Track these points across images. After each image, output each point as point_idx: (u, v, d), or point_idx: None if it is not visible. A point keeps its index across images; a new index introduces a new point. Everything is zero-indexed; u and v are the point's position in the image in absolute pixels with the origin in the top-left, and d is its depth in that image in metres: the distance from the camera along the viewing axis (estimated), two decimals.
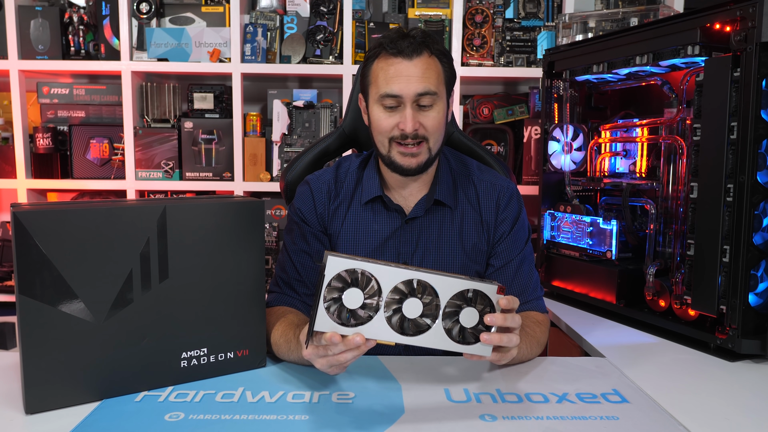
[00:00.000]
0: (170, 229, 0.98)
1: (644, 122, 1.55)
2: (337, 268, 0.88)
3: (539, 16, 2.28)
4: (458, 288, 0.91)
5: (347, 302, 0.89)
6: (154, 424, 0.89)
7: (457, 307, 0.92)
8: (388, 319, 0.91)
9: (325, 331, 0.89)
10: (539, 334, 1.17)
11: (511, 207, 1.27)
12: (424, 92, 1.12)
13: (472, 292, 0.92)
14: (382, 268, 0.89)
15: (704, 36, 1.25)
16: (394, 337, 0.91)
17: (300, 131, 2.30)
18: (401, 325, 0.91)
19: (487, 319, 0.92)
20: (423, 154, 1.16)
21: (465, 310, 0.92)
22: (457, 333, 0.93)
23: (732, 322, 1.20)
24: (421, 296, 0.91)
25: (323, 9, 2.28)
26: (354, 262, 0.88)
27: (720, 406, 1.00)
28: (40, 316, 0.89)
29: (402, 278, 0.90)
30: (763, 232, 1.20)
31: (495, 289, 0.92)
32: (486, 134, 2.33)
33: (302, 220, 1.27)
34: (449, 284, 0.91)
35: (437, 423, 0.91)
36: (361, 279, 0.89)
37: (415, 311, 0.91)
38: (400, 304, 0.90)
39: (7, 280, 2.31)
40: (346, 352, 0.90)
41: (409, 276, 0.90)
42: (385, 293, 0.90)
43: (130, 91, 2.25)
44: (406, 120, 1.13)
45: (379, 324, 0.90)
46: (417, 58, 1.12)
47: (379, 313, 0.90)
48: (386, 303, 0.90)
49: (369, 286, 0.89)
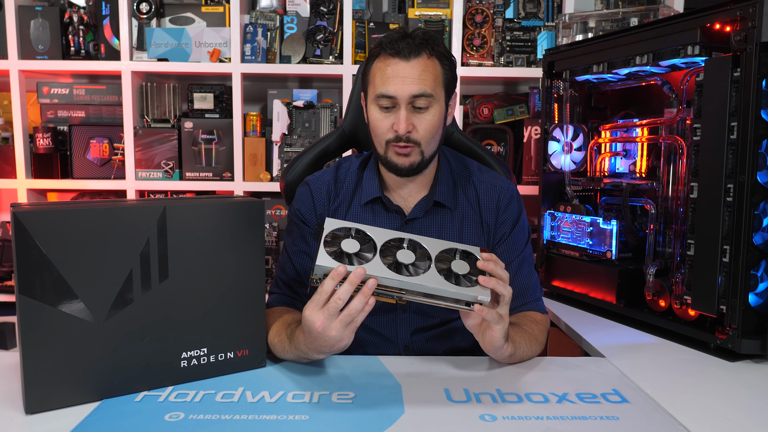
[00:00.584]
0: (170, 229, 0.98)
1: (644, 122, 1.55)
2: (334, 225, 0.98)
3: (539, 16, 2.28)
4: (445, 246, 1.01)
5: (345, 248, 0.96)
6: (154, 424, 0.89)
7: (447, 260, 1.00)
8: (384, 264, 0.96)
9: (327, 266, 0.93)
10: (537, 332, 1.17)
11: (512, 208, 1.27)
12: (419, 94, 1.12)
13: (458, 251, 1.01)
14: (375, 228, 1.01)
15: (704, 36, 1.25)
16: (393, 276, 0.95)
17: (300, 131, 2.30)
18: (398, 268, 0.96)
19: (480, 263, 0.98)
20: (414, 155, 1.16)
21: (455, 262, 0.99)
22: (452, 279, 0.98)
23: (732, 322, 1.20)
24: (413, 250, 0.99)
25: (323, 9, 2.28)
26: (349, 223, 1.00)
27: (720, 406, 1.00)
28: (40, 316, 0.89)
29: (393, 235, 1.00)
30: (763, 232, 1.20)
31: (478, 249, 1.02)
32: (486, 134, 2.33)
33: (302, 221, 1.27)
34: (436, 243, 1.01)
35: (437, 423, 0.91)
36: (357, 234, 0.99)
37: (408, 258, 0.97)
38: (395, 254, 0.98)
39: (7, 280, 2.31)
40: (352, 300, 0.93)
41: (400, 235, 1.01)
42: (379, 246, 0.98)
43: (130, 91, 2.25)
44: (399, 122, 1.13)
45: (377, 266, 0.95)
46: (415, 60, 1.12)
47: (375, 259, 0.96)
48: (380, 253, 0.97)
49: (364, 240, 0.98)
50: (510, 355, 1.08)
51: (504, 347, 1.05)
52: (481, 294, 0.96)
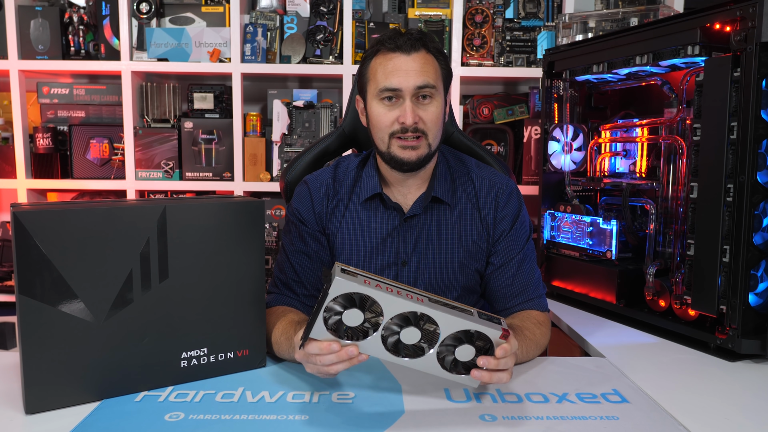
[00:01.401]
0: (170, 229, 0.98)
1: (644, 122, 1.55)
2: (342, 290, 0.86)
3: (539, 16, 2.28)
4: (462, 327, 0.90)
5: (347, 320, 0.89)
6: (154, 424, 0.89)
7: (456, 341, 0.92)
8: (383, 338, 0.91)
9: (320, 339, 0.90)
10: (539, 336, 1.17)
11: (511, 204, 1.26)
12: (423, 85, 1.13)
13: (475, 332, 0.91)
14: (388, 297, 0.87)
15: (704, 36, 1.25)
16: (386, 356, 0.92)
17: (300, 131, 2.30)
18: (396, 346, 0.92)
19: (481, 361, 0.92)
20: (422, 147, 1.16)
21: (463, 346, 0.92)
22: (449, 363, 0.94)
23: (732, 322, 1.20)
24: (423, 324, 0.90)
25: (323, 9, 2.28)
26: (360, 287, 0.86)
27: (720, 406, 1.00)
28: (40, 316, 0.89)
29: (407, 309, 0.89)
30: (763, 232, 1.20)
31: (499, 334, 0.91)
32: (486, 134, 2.33)
33: (300, 220, 1.27)
34: (454, 322, 0.90)
35: (437, 423, 0.91)
36: (365, 301, 0.88)
37: (412, 339, 0.91)
38: (400, 330, 0.90)
39: (7, 280, 2.31)
40: (337, 364, 0.92)
41: (414, 308, 0.89)
42: (387, 317, 0.89)
43: (130, 91, 2.25)
44: (406, 113, 1.13)
45: (374, 342, 0.91)
46: (415, 53, 1.14)
47: (376, 333, 0.90)
48: (385, 326, 0.90)
49: (371, 308, 0.89)
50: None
51: None
52: (469, 382, 0.95)
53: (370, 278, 0.89)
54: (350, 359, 0.91)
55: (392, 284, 0.91)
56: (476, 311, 0.94)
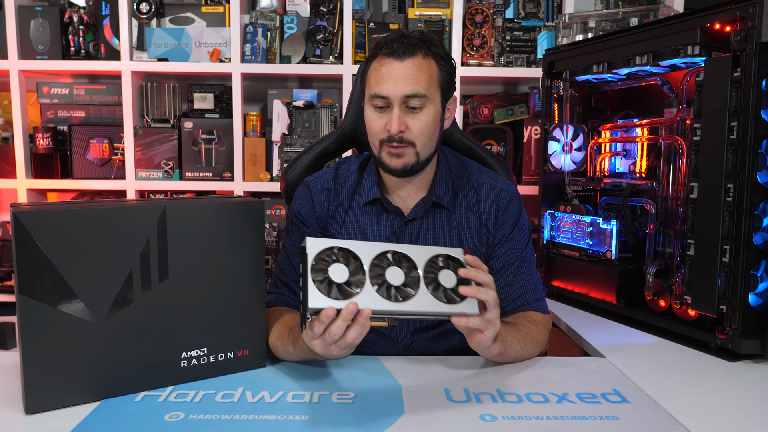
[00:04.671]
0: (170, 229, 0.98)
1: (644, 122, 1.55)
2: (317, 248, 0.93)
3: (539, 16, 2.28)
4: (430, 254, 1.00)
5: (334, 276, 0.92)
6: (154, 424, 0.89)
7: (434, 272, 0.99)
8: (375, 290, 0.94)
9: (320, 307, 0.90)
10: (535, 332, 1.17)
11: (511, 210, 1.26)
12: (412, 94, 1.12)
13: (442, 258, 1.00)
14: (359, 243, 0.97)
15: (704, 36, 1.25)
16: (385, 305, 0.94)
17: (300, 131, 2.30)
18: (388, 293, 0.95)
19: (461, 271, 0.99)
20: (408, 156, 1.15)
21: (442, 272, 0.99)
22: (441, 294, 0.97)
23: (732, 322, 1.20)
24: (400, 265, 0.97)
25: (323, 9, 2.28)
26: (332, 241, 0.95)
27: (720, 406, 1.00)
28: (40, 316, 0.89)
29: (379, 250, 0.97)
30: (763, 232, 1.20)
31: (461, 251, 1.02)
32: (486, 134, 2.33)
33: (301, 221, 1.27)
34: (421, 252, 1.00)
35: (437, 423, 0.91)
36: (342, 256, 0.95)
37: (398, 278, 0.96)
38: (383, 274, 0.96)
39: (7, 280, 2.31)
40: (348, 330, 0.92)
41: (385, 248, 0.98)
42: (367, 267, 0.95)
43: (130, 91, 2.25)
44: (392, 122, 1.13)
45: (368, 295, 0.93)
46: (408, 59, 1.12)
47: (366, 285, 0.94)
48: (369, 276, 0.95)
49: (350, 261, 0.95)
50: (500, 354, 1.08)
51: (492, 347, 1.05)
52: (468, 308, 0.98)
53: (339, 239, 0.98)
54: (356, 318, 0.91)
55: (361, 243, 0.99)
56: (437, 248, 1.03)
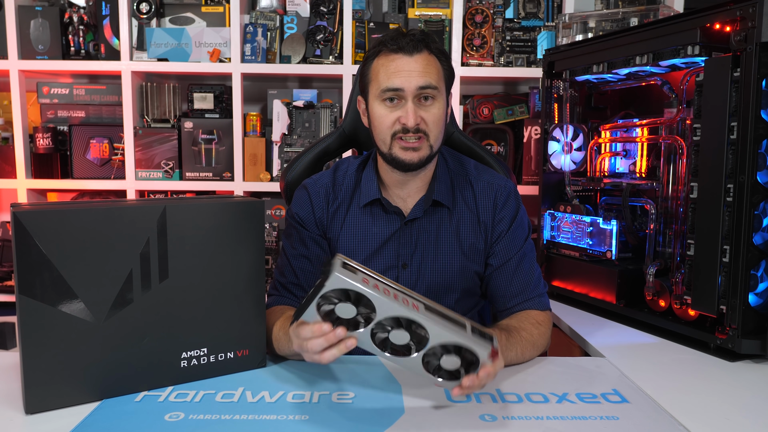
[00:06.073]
0: (170, 229, 0.98)
1: (644, 122, 1.55)
2: (339, 285, 0.86)
3: (539, 16, 2.28)
4: (452, 341, 0.89)
5: (339, 312, 0.88)
6: (154, 424, 0.89)
7: (444, 350, 0.90)
8: (372, 333, 0.89)
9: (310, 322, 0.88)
10: (537, 336, 1.17)
11: (509, 206, 1.26)
12: (426, 86, 1.13)
13: (465, 349, 0.90)
14: (383, 299, 0.86)
15: (704, 36, 1.25)
16: (372, 349, 0.91)
17: (300, 131, 2.30)
18: (383, 343, 0.90)
19: (465, 382, 0.90)
20: (424, 149, 1.16)
21: (449, 357, 0.90)
22: (433, 367, 0.92)
23: (732, 322, 1.20)
24: (414, 328, 0.89)
25: (323, 9, 2.28)
26: (357, 285, 0.85)
27: (720, 406, 1.00)
28: (40, 316, 0.89)
29: (401, 314, 0.88)
30: (763, 232, 1.20)
31: (488, 353, 0.89)
32: (486, 134, 2.33)
33: (300, 224, 1.27)
34: (445, 335, 0.88)
35: (437, 423, 0.91)
36: (360, 298, 0.87)
37: (401, 340, 0.90)
38: (390, 330, 0.89)
39: (7, 280, 2.31)
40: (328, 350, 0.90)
41: (408, 315, 0.87)
42: (379, 317, 0.88)
43: (130, 91, 2.25)
44: (407, 114, 1.13)
45: (363, 334, 0.89)
46: (417, 54, 1.14)
47: (366, 327, 0.89)
48: (376, 324, 0.89)
49: (366, 304, 0.87)
50: None
51: None
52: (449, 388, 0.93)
53: (369, 276, 0.88)
54: (339, 343, 0.89)
55: (391, 285, 0.90)
56: (470, 325, 0.93)
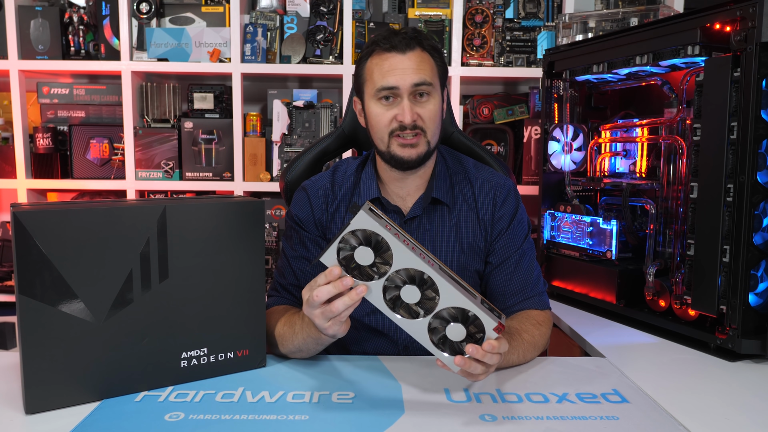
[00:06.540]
0: (170, 229, 0.98)
1: (644, 122, 1.55)
2: (363, 225, 0.90)
3: (539, 16, 2.28)
4: (461, 304, 0.91)
5: (358, 257, 0.92)
6: (154, 424, 0.89)
7: (451, 318, 0.92)
8: (384, 288, 0.93)
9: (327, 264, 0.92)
10: (537, 337, 1.17)
11: (508, 204, 1.26)
12: (421, 83, 1.13)
13: (472, 315, 0.91)
14: (402, 248, 0.90)
15: (704, 36, 1.25)
16: (381, 306, 0.93)
17: (300, 131, 2.30)
18: (393, 301, 0.93)
19: (469, 349, 0.91)
20: (422, 145, 1.17)
21: (456, 325, 0.92)
22: (438, 337, 0.93)
23: (732, 322, 1.20)
24: (425, 289, 0.92)
25: (323, 9, 2.27)
26: (380, 229, 0.89)
27: (720, 406, 1.00)
28: (40, 316, 0.90)
29: (415, 266, 0.91)
30: (763, 232, 1.20)
31: (494, 325, 0.91)
32: (486, 134, 2.33)
33: (300, 226, 1.27)
34: (455, 297, 0.91)
35: (437, 423, 0.91)
36: (380, 244, 0.91)
37: (411, 298, 0.93)
38: (402, 285, 0.92)
39: (7, 280, 2.31)
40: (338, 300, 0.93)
41: (423, 269, 0.90)
42: (394, 268, 0.91)
43: (130, 91, 2.25)
44: (404, 111, 1.13)
45: (375, 288, 0.92)
46: (410, 52, 1.14)
47: (380, 280, 0.92)
48: (390, 277, 0.92)
49: (383, 255, 0.91)
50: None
51: None
52: (450, 365, 0.93)
53: (392, 226, 0.92)
54: (349, 293, 0.92)
55: (411, 240, 0.92)
56: (480, 297, 0.94)
